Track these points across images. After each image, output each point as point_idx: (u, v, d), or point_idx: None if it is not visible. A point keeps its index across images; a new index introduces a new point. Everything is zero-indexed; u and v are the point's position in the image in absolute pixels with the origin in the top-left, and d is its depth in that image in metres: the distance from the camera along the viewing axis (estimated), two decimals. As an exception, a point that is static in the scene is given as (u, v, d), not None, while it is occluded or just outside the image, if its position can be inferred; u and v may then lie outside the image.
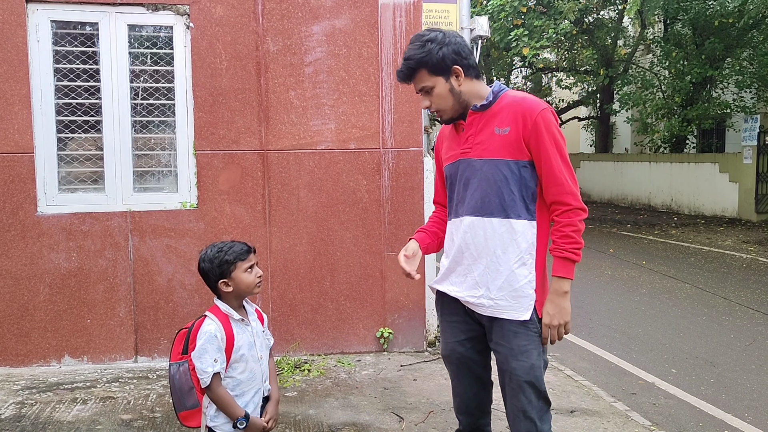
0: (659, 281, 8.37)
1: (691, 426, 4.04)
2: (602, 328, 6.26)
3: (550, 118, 2.30)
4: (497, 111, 2.34)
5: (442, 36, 2.32)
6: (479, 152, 2.36)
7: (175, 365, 2.35)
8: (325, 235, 4.90)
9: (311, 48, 4.82)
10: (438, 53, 2.29)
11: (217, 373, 2.28)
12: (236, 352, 2.34)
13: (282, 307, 4.85)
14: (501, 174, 2.32)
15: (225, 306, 2.37)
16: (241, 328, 2.38)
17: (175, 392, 2.36)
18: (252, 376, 2.39)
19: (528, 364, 2.34)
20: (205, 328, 2.30)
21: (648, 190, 17.69)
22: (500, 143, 2.32)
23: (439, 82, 2.33)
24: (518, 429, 2.40)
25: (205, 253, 2.39)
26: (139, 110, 4.69)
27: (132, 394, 4.16)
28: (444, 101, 2.36)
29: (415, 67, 2.33)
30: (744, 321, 6.42)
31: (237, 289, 2.36)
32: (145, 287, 4.67)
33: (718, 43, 15.16)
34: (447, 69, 2.32)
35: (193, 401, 2.34)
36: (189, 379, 2.33)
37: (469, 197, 2.40)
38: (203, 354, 2.27)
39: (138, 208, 4.66)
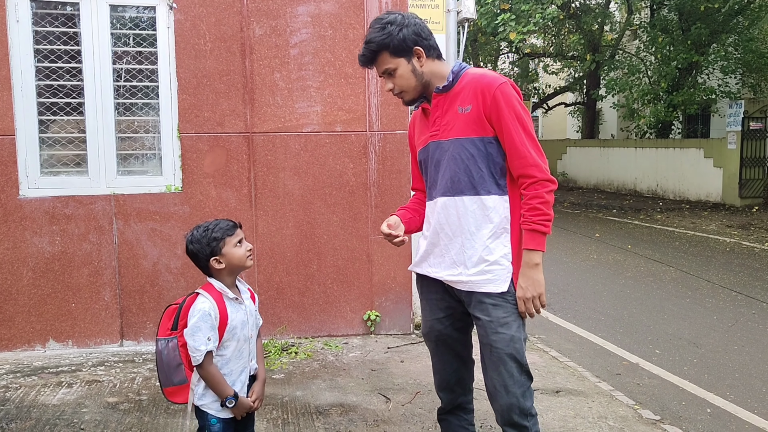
0: (644, 265, 8.44)
1: (674, 405, 4.09)
2: (587, 311, 6.31)
3: (509, 92, 2.30)
4: (459, 90, 2.37)
5: (402, 18, 2.35)
6: (446, 133, 2.39)
7: (163, 341, 2.34)
8: (312, 219, 4.88)
9: (297, 29, 4.77)
10: (399, 35, 2.32)
11: (209, 352, 2.28)
12: (229, 331, 2.33)
13: (269, 290, 4.84)
14: (467, 152, 2.35)
15: (219, 284, 2.35)
16: (234, 307, 2.36)
17: (162, 368, 2.35)
18: (240, 355, 2.39)
19: (508, 336, 2.34)
20: (199, 306, 2.28)
21: (634, 176, 17.81)
22: (464, 122, 2.34)
23: (401, 64, 2.36)
24: (500, 405, 2.38)
25: (192, 234, 2.37)
26: (122, 92, 4.62)
27: (118, 377, 4.14)
28: (407, 82, 2.38)
29: (376, 50, 2.35)
30: (727, 303, 6.50)
31: (229, 265, 2.34)
32: (130, 271, 4.64)
33: (704, 29, 15.21)
34: (408, 50, 2.35)
35: (181, 377, 2.34)
36: (177, 356, 2.32)
37: (440, 178, 2.43)
38: (197, 332, 2.25)
39: (122, 191, 4.61)
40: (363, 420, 3.55)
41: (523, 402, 2.37)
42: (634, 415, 3.74)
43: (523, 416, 2.37)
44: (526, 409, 2.38)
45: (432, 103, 2.44)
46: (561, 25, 19.56)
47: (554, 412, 3.72)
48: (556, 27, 19.70)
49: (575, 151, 20.79)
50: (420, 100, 2.47)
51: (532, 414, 2.41)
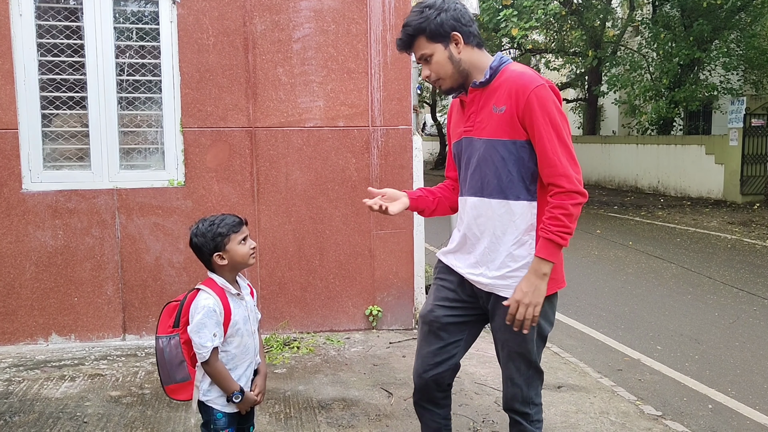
0: (645, 261, 8.44)
1: (676, 400, 4.10)
2: (589, 307, 6.32)
3: (546, 95, 2.19)
4: (496, 87, 2.27)
5: (441, 2, 2.26)
6: (479, 131, 2.30)
7: (164, 338, 2.32)
8: (314, 214, 4.88)
9: (299, 24, 4.77)
10: (436, 19, 2.23)
11: (215, 348, 2.27)
12: (233, 327, 2.31)
13: (271, 285, 4.85)
14: (498, 154, 2.26)
15: (221, 280, 2.33)
16: (236, 303, 2.35)
17: (163, 365, 2.33)
18: (245, 350, 2.38)
19: (521, 338, 2.32)
20: (203, 302, 2.26)
21: (635, 172, 17.80)
22: (498, 122, 2.25)
23: (438, 49, 2.26)
24: (506, 394, 2.43)
25: (197, 227, 2.34)
26: (124, 86, 4.62)
27: (120, 371, 4.15)
28: (443, 69, 2.29)
29: (413, 34, 2.25)
30: (728, 300, 6.50)
31: (232, 262, 2.32)
32: (133, 265, 4.64)
33: (706, 25, 15.17)
34: (446, 35, 2.25)
35: (184, 374, 2.32)
36: (180, 353, 2.31)
37: (470, 177, 2.35)
38: (202, 328, 2.23)
39: (124, 185, 4.61)
40: (365, 414, 3.56)
41: (527, 391, 2.38)
42: (636, 410, 3.75)
43: (525, 404, 2.39)
44: (529, 398, 2.39)
45: (468, 96, 2.35)
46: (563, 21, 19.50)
47: (556, 408, 3.73)
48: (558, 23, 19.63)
49: (576, 148, 20.04)
50: (458, 90, 2.37)
51: (536, 403, 2.42)
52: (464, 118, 2.38)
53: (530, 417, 2.42)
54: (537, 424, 2.44)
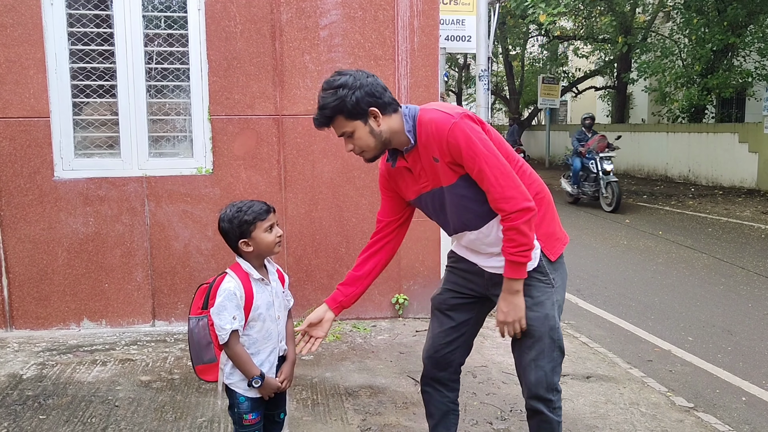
0: (676, 251, 8.30)
1: (708, 392, 4.02)
2: (618, 297, 6.23)
3: (461, 130, 2.23)
4: (424, 142, 2.32)
5: (353, 80, 2.25)
6: (435, 182, 2.38)
7: (194, 319, 2.37)
8: (341, 201, 4.88)
9: (326, 11, 4.74)
10: (351, 98, 2.23)
11: (235, 331, 2.29)
12: (254, 311, 2.33)
13: (298, 272, 4.86)
14: (461, 194, 2.35)
15: (246, 264, 2.35)
16: (260, 288, 2.36)
17: (193, 346, 2.38)
18: (268, 335, 2.39)
19: (542, 314, 2.37)
20: (224, 286, 2.29)
21: (665, 161, 17.47)
22: (442, 170, 2.33)
23: (358, 126, 2.28)
24: (529, 379, 2.41)
25: (225, 212, 2.36)
26: (153, 75, 4.65)
27: (150, 356, 4.21)
28: (365, 143, 2.32)
29: (331, 116, 2.27)
30: (762, 290, 6.36)
31: (257, 249, 2.34)
32: (162, 252, 4.69)
33: (741, 9, 14.75)
34: (364, 112, 2.27)
35: (210, 356, 2.37)
36: (207, 334, 2.35)
37: (451, 221, 2.45)
38: (222, 311, 2.27)
39: (154, 173, 4.65)
40: (392, 402, 3.56)
41: (551, 377, 2.41)
42: (667, 402, 3.69)
43: (550, 390, 2.42)
44: (553, 384, 2.42)
45: (409, 161, 2.39)
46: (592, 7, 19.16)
47: (585, 398, 3.69)
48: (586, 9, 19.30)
49: (605, 136, 20.43)
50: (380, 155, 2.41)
51: (558, 389, 2.46)
52: (414, 179, 2.44)
53: (553, 404, 2.44)
54: (558, 412, 2.46)
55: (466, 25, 6.19)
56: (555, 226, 2.45)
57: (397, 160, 2.43)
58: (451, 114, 2.26)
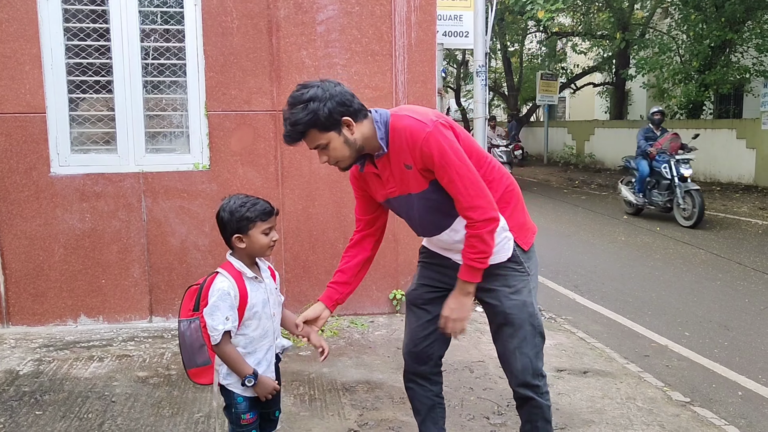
0: (673, 247, 8.31)
1: (704, 387, 4.03)
2: (615, 293, 6.24)
3: (434, 140, 2.25)
4: (396, 148, 2.33)
5: (322, 91, 2.22)
6: (404, 188, 2.39)
7: (185, 322, 2.32)
8: (338, 198, 4.87)
9: (323, 6, 4.73)
10: (324, 110, 2.20)
11: (227, 331, 2.25)
12: (249, 310, 2.30)
13: (295, 268, 4.86)
14: (431, 200, 2.38)
15: (239, 263, 2.32)
16: (254, 286, 2.33)
17: (185, 349, 2.34)
18: (264, 334, 2.36)
19: (521, 302, 2.43)
20: (217, 285, 2.26)
21: (663, 157, 17.46)
22: (413, 177, 2.34)
23: (333, 138, 2.25)
24: (514, 367, 2.46)
25: (228, 203, 2.31)
26: (149, 70, 4.64)
27: (147, 352, 4.21)
28: (340, 153, 2.29)
29: (304, 131, 2.23)
30: (759, 286, 6.37)
31: (250, 248, 2.31)
32: (159, 248, 4.69)
33: (739, 5, 14.74)
34: (337, 122, 2.24)
35: (204, 358, 2.32)
36: (200, 336, 2.31)
37: (420, 225, 2.48)
38: (215, 311, 2.23)
39: (150, 169, 4.64)
40: (389, 397, 3.56)
41: (536, 362, 2.46)
42: (663, 396, 3.70)
43: (536, 376, 2.47)
44: (538, 370, 2.47)
45: (379, 167, 2.38)
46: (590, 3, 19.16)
47: (582, 393, 3.69)
48: (585, 5, 19.30)
49: (603, 132, 20.46)
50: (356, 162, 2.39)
51: (543, 374, 2.51)
52: (383, 183, 2.43)
53: (540, 389, 2.50)
54: (546, 396, 2.53)
55: (464, 20, 6.18)
56: (525, 217, 2.51)
57: (365, 165, 2.42)
58: (424, 122, 2.26)
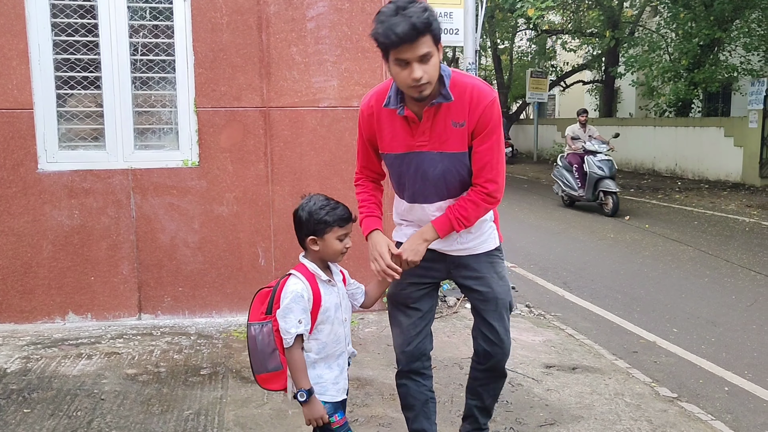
0: (662, 244, 8.36)
1: (692, 382, 4.07)
2: (604, 290, 6.27)
3: (497, 108, 2.35)
4: (456, 102, 2.32)
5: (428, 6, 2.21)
6: (437, 145, 2.37)
7: (257, 325, 2.23)
8: (328, 194, 4.83)
9: (313, 2, 4.72)
10: (437, 21, 2.20)
11: (300, 335, 2.17)
12: (323, 314, 2.23)
13: (285, 266, 4.85)
14: (461, 164, 2.40)
15: (312, 265, 2.24)
16: (328, 289, 2.26)
17: (255, 353, 2.23)
18: (336, 339, 2.29)
19: (507, 286, 2.62)
20: (291, 287, 2.18)
21: (652, 155, 17.59)
22: (458, 136, 2.34)
23: (435, 53, 2.20)
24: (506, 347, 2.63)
25: (308, 203, 2.26)
26: (138, 66, 4.61)
27: (136, 350, 4.19)
28: (434, 72, 2.22)
29: (422, 30, 2.11)
30: (746, 283, 6.43)
31: (323, 251, 2.24)
32: (148, 245, 4.66)
33: (727, 4, 14.85)
34: (439, 40, 2.24)
35: (276, 363, 2.23)
36: (272, 341, 2.22)
37: (433, 187, 2.45)
38: (288, 313, 2.16)
39: (139, 165, 4.62)
40: (379, 394, 3.57)
41: (508, 343, 2.66)
42: (651, 392, 3.73)
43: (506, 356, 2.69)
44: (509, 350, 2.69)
45: (423, 112, 2.33)
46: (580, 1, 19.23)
47: (571, 389, 3.72)
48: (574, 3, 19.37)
49: (592, 130, 20.52)
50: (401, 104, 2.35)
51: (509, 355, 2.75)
52: (413, 133, 2.39)
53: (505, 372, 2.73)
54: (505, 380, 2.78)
55: (454, 18, 6.18)
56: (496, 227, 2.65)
57: (404, 108, 2.35)
58: (491, 88, 2.37)
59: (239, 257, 4.77)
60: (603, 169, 10.57)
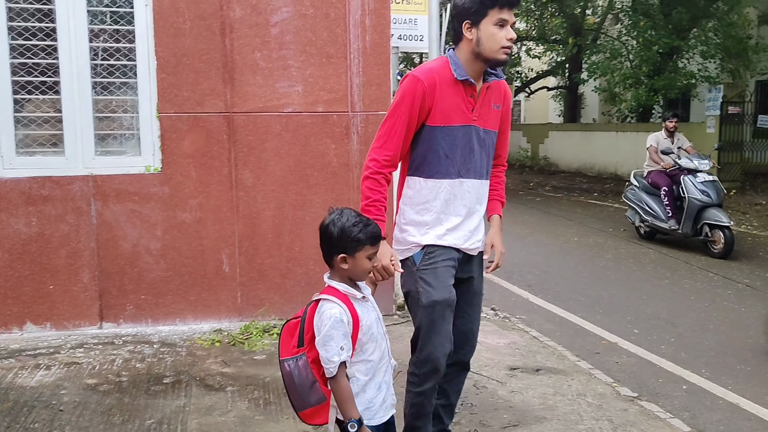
0: (624, 247, 8.53)
1: (652, 382, 4.16)
2: (568, 292, 6.37)
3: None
4: (494, 85, 2.63)
5: None
6: (483, 122, 2.61)
7: (290, 360, 2.12)
8: (294, 200, 4.85)
9: (277, 8, 4.71)
10: None
11: (343, 362, 2.07)
12: (366, 333, 2.13)
13: (250, 272, 4.82)
14: (493, 143, 2.71)
15: (343, 286, 2.14)
16: (363, 307, 2.17)
17: (294, 390, 2.12)
18: (382, 355, 2.21)
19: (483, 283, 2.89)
20: (328, 312, 2.07)
21: (615, 160, 17.93)
22: (495, 117, 2.66)
23: None
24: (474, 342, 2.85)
25: (338, 217, 2.14)
26: (99, 71, 4.54)
27: (97, 359, 4.11)
28: None
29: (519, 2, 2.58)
30: (704, 284, 6.60)
31: (352, 270, 2.13)
32: (110, 252, 4.58)
33: (685, 14, 15.25)
34: None
35: (318, 396, 2.11)
36: (310, 373, 2.10)
37: (474, 163, 2.62)
38: (329, 341, 2.04)
39: (100, 171, 4.54)
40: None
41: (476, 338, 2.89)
42: (612, 392, 3.80)
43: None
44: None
45: (480, 89, 2.58)
46: (544, 9, 19.54)
47: (534, 390, 3.76)
48: (538, 10, 19.67)
49: (557, 135, 20.87)
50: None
51: None
52: (469, 105, 2.57)
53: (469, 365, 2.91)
54: None
55: (419, 24, 6.22)
56: None
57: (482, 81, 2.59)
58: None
59: (203, 264, 4.72)
60: (708, 194, 7.98)
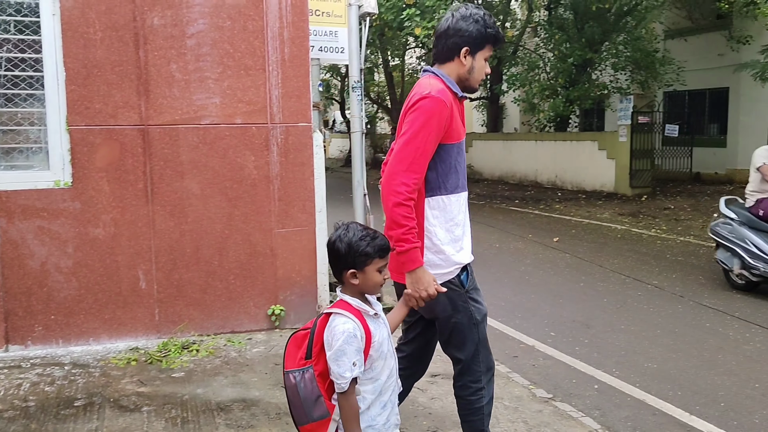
0: (543, 252, 8.84)
1: (566, 383, 4.33)
2: (489, 297, 6.46)
3: None
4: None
5: None
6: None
7: (296, 372, 2.08)
8: (212, 213, 4.78)
9: (193, 20, 4.65)
10: None
11: (354, 378, 2.03)
12: (377, 349, 2.11)
13: (168, 288, 4.71)
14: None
15: (356, 301, 2.11)
16: (375, 323, 2.14)
17: (297, 404, 2.09)
18: (390, 373, 2.18)
19: None
20: (341, 327, 2.03)
21: (535, 168, 18.57)
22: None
23: None
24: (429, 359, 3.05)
25: (344, 232, 2.11)
26: (2, 82, 4.34)
27: (2, 384, 3.90)
28: None
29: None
30: (616, 286, 6.93)
31: (362, 285, 2.12)
32: (15, 272, 4.37)
33: (597, 28, 16.03)
34: None
35: (321, 411, 2.08)
36: (316, 387, 2.07)
37: (464, 175, 2.75)
38: (341, 356, 2.00)
39: (5, 187, 4.34)
40: (265, 414, 3.54)
41: None
42: (529, 394, 3.93)
43: None
44: None
45: (460, 106, 2.70)
46: (465, 21, 19.90)
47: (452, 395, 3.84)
48: (460, 23, 20.03)
49: (480, 145, 21.42)
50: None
51: None
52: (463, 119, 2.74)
53: None
54: None
55: (339, 36, 6.27)
56: None
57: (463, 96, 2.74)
58: None
59: (118, 281, 4.58)
60: None
